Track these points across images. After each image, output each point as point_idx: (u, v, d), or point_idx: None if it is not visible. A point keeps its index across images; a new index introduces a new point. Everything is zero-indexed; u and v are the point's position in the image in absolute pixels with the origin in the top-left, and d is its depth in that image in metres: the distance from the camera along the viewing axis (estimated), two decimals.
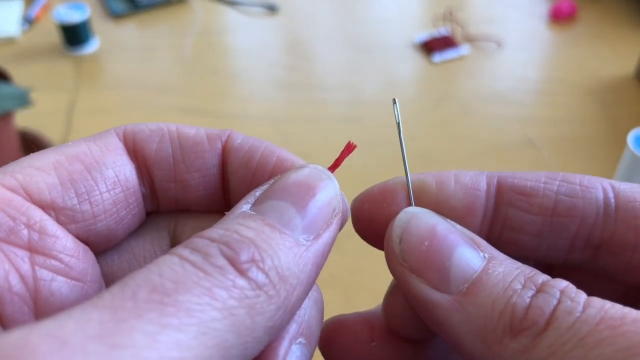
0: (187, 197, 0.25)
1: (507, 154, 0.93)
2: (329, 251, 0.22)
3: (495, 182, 0.23)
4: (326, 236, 0.21)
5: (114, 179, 0.23)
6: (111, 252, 0.25)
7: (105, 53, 1.15)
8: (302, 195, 0.21)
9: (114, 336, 0.15)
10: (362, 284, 0.75)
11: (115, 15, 1.24)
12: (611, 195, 0.23)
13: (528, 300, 0.20)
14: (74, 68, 1.11)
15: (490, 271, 0.21)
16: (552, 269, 0.26)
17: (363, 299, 0.73)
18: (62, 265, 0.21)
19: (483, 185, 0.24)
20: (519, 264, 0.21)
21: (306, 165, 0.23)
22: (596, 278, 0.25)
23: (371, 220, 0.25)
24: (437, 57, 1.12)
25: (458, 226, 0.23)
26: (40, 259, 0.21)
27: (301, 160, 0.24)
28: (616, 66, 1.09)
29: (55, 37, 1.16)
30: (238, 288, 0.18)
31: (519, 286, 0.20)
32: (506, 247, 0.24)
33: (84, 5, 1.14)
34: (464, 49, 1.13)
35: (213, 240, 0.19)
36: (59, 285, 0.21)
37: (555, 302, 0.19)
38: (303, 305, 0.23)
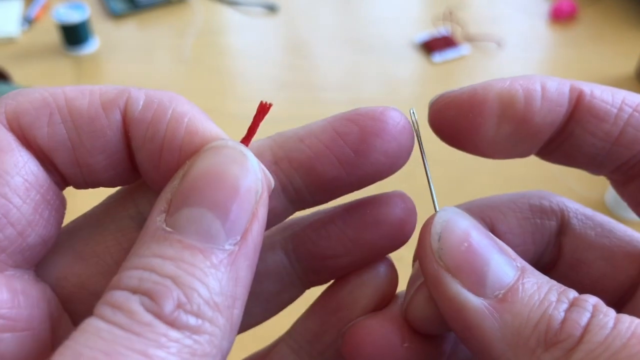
0: (97, 180, 0.22)
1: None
2: (260, 242, 0.20)
3: (575, 97, 0.23)
4: (254, 230, 0.20)
5: (25, 185, 0.20)
6: (74, 263, 0.23)
7: (105, 53, 1.15)
8: (218, 194, 0.19)
9: None
10: None
11: (115, 15, 1.24)
12: None
13: (563, 313, 0.20)
14: (74, 68, 1.11)
15: (525, 281, 0.21)
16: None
17: None
18: (5, 321, 0.19)
19: (566, 101, 0.23)
20: (547, 277, 0.21)
21: (217, 145, 0.21)
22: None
23: (452, 125, 0.23)
24: (437, 57, 1.12)
25: (490, 233, 0.23)
26: None
27: (213, 127, 0.22)
28: (616, 66, 1.09)
29: (54, 37, 1.16)
30: (173, 341, 0.17)
31: (554, 299, 0.20)
32: (559, 155, 0.24)
33: (84, 5, 1.14)
34: (464, 49, 1.13)
35: (134, 291, 0.18)
36: (7, 343, 0.19)
37: (589, 316, 0.19)
38: None
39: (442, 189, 0.25)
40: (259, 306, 0.27)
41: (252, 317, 0.27)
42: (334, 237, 0.25)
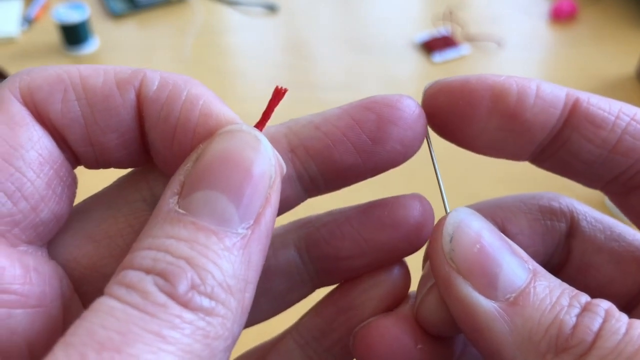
0: (108, 159, 0.22)
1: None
2: (272, 227, 0.20)
3: (572, 102, 0.23)
4: (267, 214, 0.20)
5: (39, 160, 0.20)
6: (85, 244, 0.23)
7: (105, 53, 1.15)
8: (232, 178, 0.19)
9: None
10: None
11: (115, 15, 1.24)
12: None
13: (575, 318, 0.20)
14: None
15: (537, 284, 0.21)
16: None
17: None
18: (17, 297, 0.19)
19: (560, 104, 0.22)
20: (559, 280, 0.21)
21: (232, 130, 0.21)
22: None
23: (442, 112, 0.23)
24: (438, 57, 1.12)
25: (503, 235, 0.22)
26: None
27: (227, 111, 0.22)
28: (617, 66, 1.09)
29: (54, 37, 1.15)
30: (187, 322, 0.17)
31: (566, 303, 0.20)
32: (555, 162, 0.24)
33: (84, 5, 1.14)
34: (465, 49, 1.13)
35: (147, 272, 0.18)
36: (19, 319, 0.19)
37: (601, 321, 0.19)
38: None
39: (445, 190, 0.25)
40: (267, 303, 0.27)
41: (259, 313, 0.27)
42: (349, 238, 0.25)
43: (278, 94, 0.22)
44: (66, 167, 0.21)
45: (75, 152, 0.22)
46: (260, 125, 0.22)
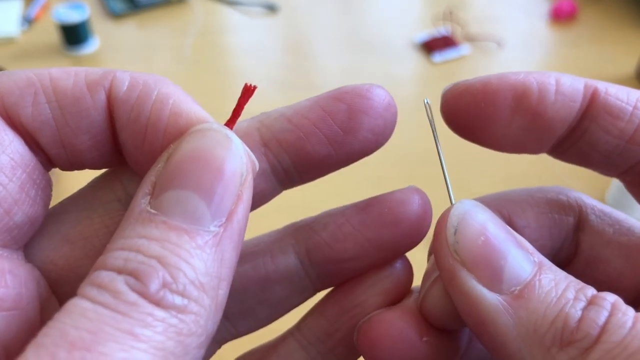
0: (81, 161, 0.22)
1: (507, 153, 0.92)
2: (245, 225, 0.20)
3: (590, 94, 0.22)
4: (239, 212, 0.20)
5: (11, 164, 0.20)
6: (61, 246, 0.23)
7: (105, 53, 1.15)
8: (203, 177, 0.19)
9: None
10: None
11: (115, 15, 1.24)
12: None
13: (580, 312, 0.19)
14: None
15: (542, 277, 0.20)
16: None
17: None
18: None
19: (580, 97, 0.22)
20: (565, 273, 0.21)
21: (202, 128, 0.20)
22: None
23: (464, 115, 0.23)
24: (438, 57, 1.12)
25: (508, 227, 0.22)
26: None
27: (197, 109, 0.22)
28: (617, 66, 1.09)
29: (54, 37, 1.15)
30: (159, 320, 0.17)
31: (572, 296, 0.20)
32: (573, 153, 0.24)
33: (84, 5, 1.14)
34: (465, 49, 1.13)
35: (119, 272, 0.18)
36: None
37: (607, 314, 0.19)
38: None
39: (442, 188, 0.25)
40: (266, 310, 0.26)
41: (258, 320, 0.27)
42: (351, 239, 0.25)
43: (248, 91, 0.22)
44: (39, 170, 0.21)
45: (48, 154, 0.22)
46: (230, 123, 0.22)
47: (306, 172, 0.24)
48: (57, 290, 0.22)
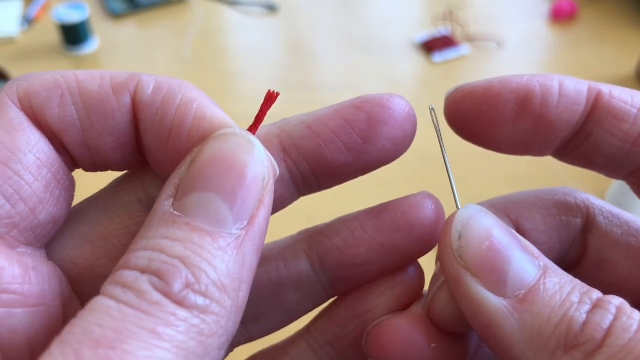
0: (105, 162, 0.23)
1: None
2: (266, 229, 0.21)
3: (594, 96, 0.23)
4: (261, 215, 0.20)
5: (37, 163, 0.20)
6: (82, 246, 0.23)
7: (105, 53, 1.15)
8: (226, 180, 0.19)
9: None
10: None
11: (115, 15, 1.24)
12: None
13: (585, 315, 0.19)
14: (74, 68, 1.11)
15: (547, 281, 0.20)
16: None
17: None
18: (17, 296, 0.19)
19: (583, 100, 0.23)
20: (571, 276, 0.21)
21: (226, 133, 0.21)
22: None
23: (468, 118, 0.23)
24: (438, 57, 1.12)
25: (514, 231, 0.22)
26: None
27: (220, 114, 0.22)
28: (617, 66, 1.09)
29: (54, 37, 1.15)
30: (182, 320, 0.17)
31: (576, 300, 0.20)
32: (577, 156, 0.24)
33: (84, 5, 1.14)
34: (465, 49, 1.13)
35: (143, 271, 0.18)
36: (19, 318, 0.19)
37: (611, 318, 0.19)
38: None
39: (443, 189, 0.25)
40: (279, 315, 0.27)
41: (270, 325, 0.27)
42: (364, 245, 0.25)
43: (271, 98, 0.23)
44: (64, 171, 0.22)
45: (73, 155, 0.22)
46: (253, 128, 0.22)
47: (324, 179, 0.24)
48: (77, 289, 0.23)
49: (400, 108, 0.23)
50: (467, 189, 0.85)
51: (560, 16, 1.21)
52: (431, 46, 1.13)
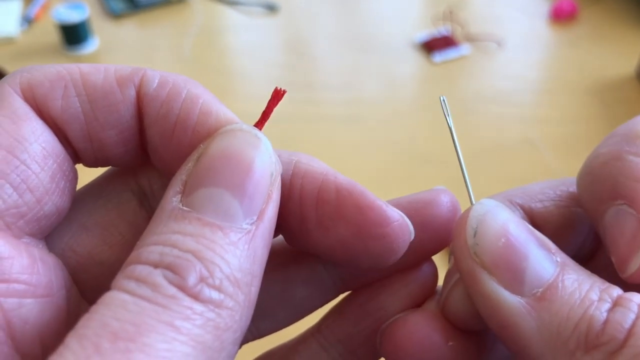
0: (107, 156, 0.22)
1: (507, 153, 0.92)
2: (275, 224, 0.21)
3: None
4: (270, 210, 0.20)
5: (43, 153, 0.20)
6: (79, 234, 0.23)
7: (105, 53, 1.15)
8: (235, 175, 0.19)
9: None
10: None
11: (115, 15, 1.24)
12: None
13: (605, 314, 0.19)
14: None
15: (565, 278, 0.20)
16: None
17: None
18: (27, 286, 0.19)
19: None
20: (588, 272, 0.21)
21: (233, 129, 0.21)
22: None
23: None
24: (438, 57, 1.12)
25: (530, 226, 0.22)
26: (1, 287, 0.18)
27: (226, 111, 0.22)
28: (617, 66, 1.09)
29: (54, 37, 1.15)
30: (198, 314, 0.17)
31: (596, 297, 0.19)
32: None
33: (83, 4, 1.14)
34: (465, 49, 1.13)
35: (155, 266, 0.18)
36: (30, 308, 0.19)
37: (633, 317, 0.19)
38: None
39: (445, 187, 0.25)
40: (286, 310, 0.26)
41: (279, 321, 0.27)
42: None
43: (277, 95, 0.23)
44: (68, 162, 0.22)
45: (75, 148, 0.22)
46: (259, 124, 0.22)
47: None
48: (75, 278, 0.23)
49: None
50: (461, 189, 0.85)
51: (560, 16, 1.21)
52: (431, 46, 1.13)
